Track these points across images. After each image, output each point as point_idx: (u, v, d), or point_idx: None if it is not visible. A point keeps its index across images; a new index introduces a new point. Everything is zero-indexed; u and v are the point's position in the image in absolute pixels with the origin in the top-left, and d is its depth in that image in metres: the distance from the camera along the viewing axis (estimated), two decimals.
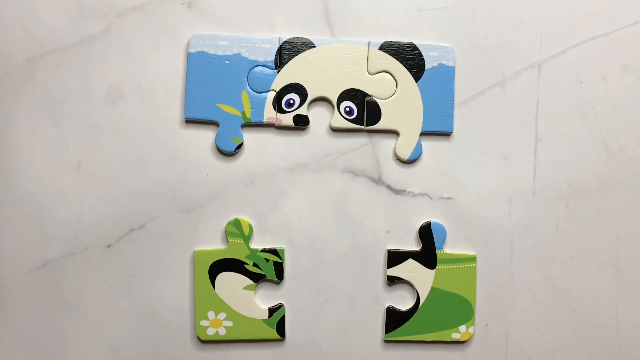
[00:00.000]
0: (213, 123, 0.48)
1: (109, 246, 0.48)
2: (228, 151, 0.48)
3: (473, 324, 0.48)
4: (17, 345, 0.48)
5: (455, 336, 0.48)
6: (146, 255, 0.48)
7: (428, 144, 0.49)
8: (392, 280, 0.48)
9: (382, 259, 0.49)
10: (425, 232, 0.48)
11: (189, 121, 0.48)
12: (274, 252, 0.47)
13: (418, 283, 0.48)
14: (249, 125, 0.48)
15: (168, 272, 0.48)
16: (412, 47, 0.49)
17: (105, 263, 0.48)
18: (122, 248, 0.48)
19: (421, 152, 0.49)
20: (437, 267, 0.48)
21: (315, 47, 0.49)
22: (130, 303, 0.48)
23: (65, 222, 0.48)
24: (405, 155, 0.49)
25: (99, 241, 0.48)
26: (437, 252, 0.48)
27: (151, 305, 0.48)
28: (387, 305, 0.48)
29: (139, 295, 0.48)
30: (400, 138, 0.49)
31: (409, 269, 0.48)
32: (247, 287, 0.47)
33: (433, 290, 0.48)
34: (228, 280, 0.47)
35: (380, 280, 0.49)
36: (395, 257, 0.48)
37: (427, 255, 0.48)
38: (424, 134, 0.49)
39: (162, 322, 0.48)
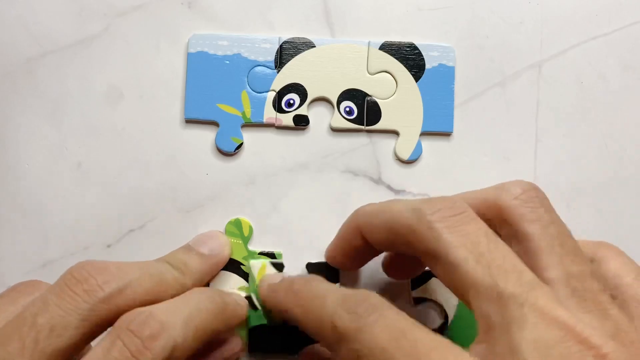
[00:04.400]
0: (213, 123, 0.48)
1: (109, 246, 0.48)
2: (228, 151, 0.48)
3: None
4: None
5: None
6: (146, 255, 0.48)
7: (428, 144, 0.49)
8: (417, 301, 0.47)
9: (382, 258, 0.48)
10: None
11: (189, 121, 0.48)
12: (271, 255, 0.47)
13: (442, 299, 0.46)
14: (249, 125, 0.48)
15: None
16: (412, 47, 0.49)
17: None
18: (122, 248, 0.48)
19: (421, 152, 0.49)
20: None
21: (315, 47, 0.49)
22: None
23: (65, 222, 0.48)
24: (405, 155, 0.49)
25: (98, 241, 0.48)
26: None
27: None
28: None
29: None
30: (400, 138, 0.49)
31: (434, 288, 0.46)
32: (241, 288, 0.46)
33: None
34: (223, 278, 0.46)
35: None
36: (419, 279, 0.46)
37: None
38: (424, 134, 0.49)
39: None
